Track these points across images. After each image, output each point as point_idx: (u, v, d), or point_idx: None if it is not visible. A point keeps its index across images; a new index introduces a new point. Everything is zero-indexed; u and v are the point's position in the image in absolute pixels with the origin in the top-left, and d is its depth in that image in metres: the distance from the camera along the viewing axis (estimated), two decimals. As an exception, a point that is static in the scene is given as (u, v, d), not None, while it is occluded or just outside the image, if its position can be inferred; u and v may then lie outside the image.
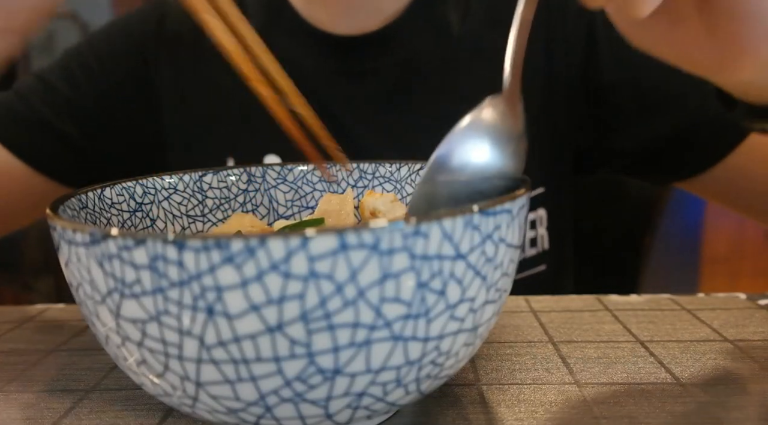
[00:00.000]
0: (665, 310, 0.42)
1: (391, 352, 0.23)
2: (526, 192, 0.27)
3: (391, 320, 0.22)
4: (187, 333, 0.22)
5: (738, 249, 0.53)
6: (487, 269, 0.25)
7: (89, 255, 0.23)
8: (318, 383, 0.23)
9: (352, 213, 0.37)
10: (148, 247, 0.21)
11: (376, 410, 0.25)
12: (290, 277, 0.21)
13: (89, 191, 0.32)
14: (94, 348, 0.38)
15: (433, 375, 0.25)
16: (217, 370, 0.23)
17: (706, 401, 0.30)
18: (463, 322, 0.25)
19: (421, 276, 0.22)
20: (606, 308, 0.43)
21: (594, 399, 0.31)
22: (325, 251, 0.21)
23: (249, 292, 0.21)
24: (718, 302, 0.44)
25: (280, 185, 0.39)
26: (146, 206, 0.35)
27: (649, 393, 0.31)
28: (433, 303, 0.23)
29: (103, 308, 0.24)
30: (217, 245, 0.20)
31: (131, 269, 0.22)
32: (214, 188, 0.38)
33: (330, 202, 0.37)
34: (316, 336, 0.22)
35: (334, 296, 0.21)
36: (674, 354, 0.36)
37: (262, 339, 0.22)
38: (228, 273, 0.21)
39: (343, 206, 0.37)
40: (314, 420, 0.24)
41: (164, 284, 0.21)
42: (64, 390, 0.33)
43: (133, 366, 0.25)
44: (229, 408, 0.24)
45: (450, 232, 0.22)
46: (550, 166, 0.59)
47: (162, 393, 0.25)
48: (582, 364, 0.35)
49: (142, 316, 0.23)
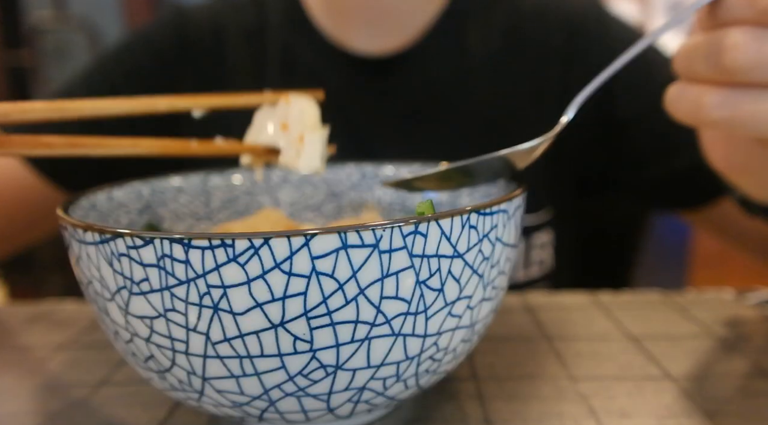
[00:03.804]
0: (656, 306, 0.43)
1: (391, 348, 0.24)
2: (521, 192, 0.27)
3: (391, 317, 0.23)
4: (193, 329, 0.23)
5: (727, 248, 0.54)
6: (484, 267, 0.25)
7: (99, 254, 0.24)
8: (320, 378, 0.24)
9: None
10: (155, 246, 0.22)
11: (377, 404, 0.26)
12: (293, 275, 0.22)
13: (99, 191, 0.33)
14: (103, 344, 0.39)
15: (431, 371, 0.26)
16: (222, 365, 0.23)
17: (697, 395, 0.31)
18: (460, 319, 0.25)
19: (420, 274, 0.23)
20: (599, 305, 0.43)
21: (587, 393, 0.32)
22: (326, 250, 0.21)
23: (253, 290, 0.22)
24: (708, 299, 0.44)
25: (283, 186, 0.40)
26: (153, 206, 0.36)
27: (641, 387, 0.32)
28: (432, 301, 0.24)
29: (113, 305, 0.24)
30: (222, 245, 0.21)
31: (139, 268, 0.23)
32: (220, 189, 0.39)
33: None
34: (318, 333, 0.23)
35: (336, 294, 0.22)
36: (665, 348, 0.36)
37: (266, 335, 0.22)
38: (233, 271, 0.22)
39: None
40: (316, 413, 0.25)
41: (171, 281, 0.22)
42: (73, 384, 0.34)
43: (141, 362, 0.26)
44: (234, 401, 0.25)
45: (448, 231, 0.23)
46: (559, 191, 0.59)
47: (169, 388, 0.26)
48: (576, 359, 0.35)
49: (150, 313, 0.23)
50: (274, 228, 0.36)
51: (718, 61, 0.29)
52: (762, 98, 0.28)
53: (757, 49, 0.27)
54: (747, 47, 0.27)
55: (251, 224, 0.36)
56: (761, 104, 0.28)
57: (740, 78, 0.28)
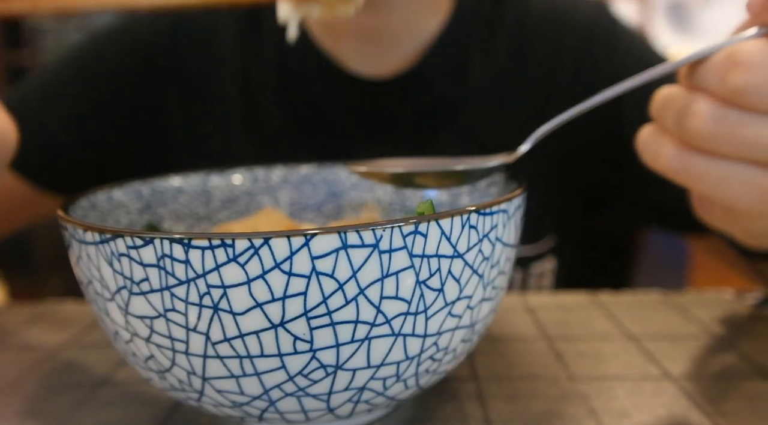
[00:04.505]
0: (656, 306, 0.43)
1: (391, 348, 0.24)
2: (521, 192, 0.27)
3: (391, 317, 0.23)
4: (193, 329, 0.23)
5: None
6: (484, 267, 0.25)
7: (99, 254, 0.24)
8: (320, 378, 0.24)
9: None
10: (155, 246, 0.22)
11: (377, 404, 0.26)
12: (293, 275, 0.22)
13: (99, 191, 0.33)
14: (103, 344, 0.39)
15: (431, 371, 0.26)
16: (222, 365, 0.23)
17: (697, 395, 0.31)
18: (460, 319, 0.25)
19: (420, 274, 0.23)
20: (599, 305, 0.44)
21: (588, 393, 0.32)
22: (326, 250, 0.22)
23: (253, 290, 0.22)
24: (708, 298, 0.44)
25: (283, 186, 0.40)
26: (153, 206, 0.36)
27: (641, 387, 0.32)
28: (432, 301, 0.24)
29: (113, 305, 0.24)
30: (222, 245, 0.21)
31: (139, 268, 0.23)
32: (220, 189, 0.39)
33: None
34: (318, 333, 0.23)
35: (336, 294, 0.22)
36: (665, 348, 0.36)
37: (266, 335, 0.22)
38: (233, 271, 0.22)
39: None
40: (316, 413, 0.25)
41: (171, 281, 0.22)
42: (73, 384, 0.34)
43: (141, 361, 0.26)
44: (234, 401, 0.25)
45: (448, 231, 0.23)
46: (565, 215, 0.58)
47: (169, 388, 0.26)
48: (576, 359, 0.35)
49: (150, 313, 0.23)
50: (274, 228, 0.36)
51: (682, 122, 0.30)
52: (713, 165, 0.30)
53: (716, 123, 0.29)
54: (707, 119, 0.29)
55: (251, 224, 0.36)
56: (712, 171, 0.30)
57: (697, 144, 0.30)
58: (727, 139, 0.29)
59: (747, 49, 0.28)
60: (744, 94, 0.28)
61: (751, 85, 0.28)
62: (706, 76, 0.30)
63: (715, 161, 0.30)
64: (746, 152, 0.29)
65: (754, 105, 0.28)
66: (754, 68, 0.28)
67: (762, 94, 0.28)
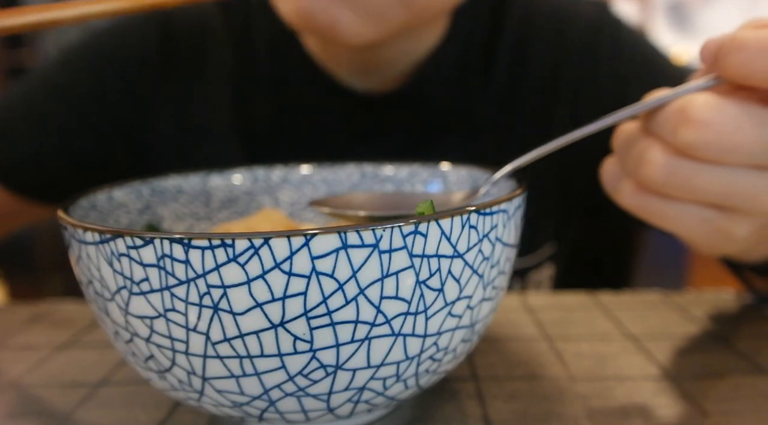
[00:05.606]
0: (656, 306, 0.43)
1: (391, 348, 0.24)
2: (521, 192, 0.27)
3: (391, 317, 0.23)
4: (193, 329, 0.23)
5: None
6: (484, 267, 0.25)
7: (99, 254, 0.24)
8: (320, 378, 0.24)
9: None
10: (155, 246, 0.22)
11: (377, 404, 0.26)
12: (293, 275, 0.22)
13: (99, 191, 0.33)
14: (103, 344, 0.39)
15: (431, 371, 0.26)
16: (222, 365, 0.23)
17: (696, 395, 0.31)
18: (460, 319, 0.25)
19: (420, 274, 0.23)
20: (599, 305, 0.44)
21: (587, 393, 0.32)
22: (326, 250, 0.22)
23: (253, 290, 0.22)
24: (708, 298, 0.44)
25: (283, 186, 0.40)
26: (153, 206, 0.36)
27: (641, 387, 0.32)
28: (432, 301, 0.24)
29: (112, 305, 0.24)
30: (223, 245, 0.21)
31: (139, 268, 0.23)
32: (220, 189, 0.39)
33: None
34: (318, 333, 0.23)
35: (336, 294, 0.22)
36: (665, 348, 0.36)
37: (266, 335, 0.22)
38: (233, 271, 0.22)
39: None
40: (316, 413, 0.25)
41: (171, 281, 0.22)
42: (73, 384, 0.34)
43: (141, 361, 0.26)
44: (234, 401, 0.25)
45: (448, 231, 0.23)
46: (566, 224, 0.58)
47: (169, 388, 0.26)
48: (576, 359, 0.35)
49: (150, 313, 0.23)
50: (274, 228, 0.36)
51: (637, 168, 0.32)
52: (668, 206, 0.32)
53: (668, 173, 0.30)
54: (660, 169, 0.30)
55: (251, 224, 0.36)
56: (667, 211, 0.32)
57: (651, 188, 0.32)
58: (679, 187, 0.30)
59: (698, 105, 0.29)
60: (694, 149, 0.29)
61: (701, 142, 0.29)
62: (660, 126, 0.31)
63: (670, 203, 0.32)
64: (699, 197, 0.31)
65: (704, 158, 0.30)
66: (704, 126, 0.29)
67: (711, 150, 0.29)
